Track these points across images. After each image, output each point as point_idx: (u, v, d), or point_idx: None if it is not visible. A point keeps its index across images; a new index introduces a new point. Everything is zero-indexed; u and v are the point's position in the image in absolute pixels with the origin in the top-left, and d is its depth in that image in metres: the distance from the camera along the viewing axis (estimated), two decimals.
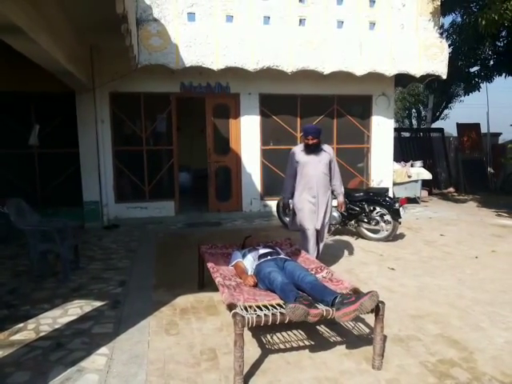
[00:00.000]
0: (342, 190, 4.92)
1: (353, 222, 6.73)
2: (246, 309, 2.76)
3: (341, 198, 4.93)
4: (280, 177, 8.78)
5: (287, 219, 7.50)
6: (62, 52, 5.14)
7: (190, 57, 7.26)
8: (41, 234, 4.79)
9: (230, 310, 2.68)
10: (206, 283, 4.27)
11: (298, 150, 4.75)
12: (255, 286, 3.36)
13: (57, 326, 3.53)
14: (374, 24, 8.10)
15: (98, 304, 4.01)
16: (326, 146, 4.76)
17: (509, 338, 3.26)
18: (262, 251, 3.74)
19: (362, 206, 6.56)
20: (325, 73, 7.83)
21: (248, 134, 8.57)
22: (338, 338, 3.25)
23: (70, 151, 7.84)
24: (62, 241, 4.73)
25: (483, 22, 7.34)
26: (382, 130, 9.18)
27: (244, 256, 3.82)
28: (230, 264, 3.87)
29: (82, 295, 4.25)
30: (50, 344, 3.21)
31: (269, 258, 3.59)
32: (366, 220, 6.59)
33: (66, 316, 3.74)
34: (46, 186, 8.03)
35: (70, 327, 3.51)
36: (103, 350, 3.11)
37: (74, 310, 3.88)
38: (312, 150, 4.63)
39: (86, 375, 2.78)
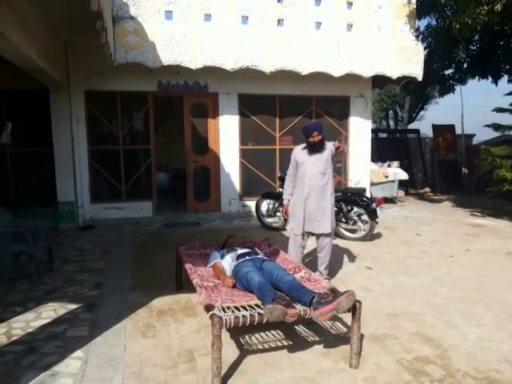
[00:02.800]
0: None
1: None
2: (223, 310, 2.74)
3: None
4: (259, 177, 8.82)
5: (267, 220, 7.55)
6: (34, 49, 5.00)
7: (168, 55, 7.18)
8: (13, 234, 4.65)
9: (208, 311, 2.66)
10: (184, 284, 4.23)
11: (299, 150, 4.42)
12: (233, 286, 3.34)
13: (30, 330, 3.44)
14: (352, 26, 8.18)
15: (72, 307, 3.93)
16: (326, 143, 4.38)
17: (481, 335, 3.34)
18: (241, 251, 3.73)
19: (340, 205, 6.61)
20: (303, 73, 7.87)
21: (227, 134, 8.54)
22: (316, 338, 3.26)
23: (44, 150, 7.66)
24: (35, 242, 4.61)
25: (457, 26, 7.49)
26: (360, 130, 9.28)
27: (222, 256, 3.80)
28: (208, 265, 3.84)
29: (56, 298, 4.16)
30: (23, 348, 3.12)
31: (247, 258, 3.58)
32: (343, 220, 6.65)
33: (39, 319, 3.65)
34: (19, 185, 7.82)
35: (44, 331, 3.43)
36: (78, 353, 3.05)
37: (48, 313, 3.79)
38: (317, 148, 4.26)
39: (60, 380, 2.71)
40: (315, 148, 4.27)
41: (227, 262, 3.66)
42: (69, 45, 7.18)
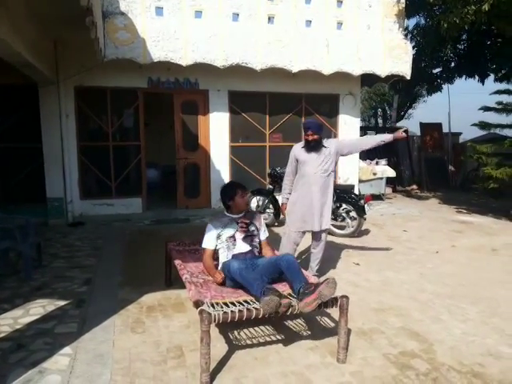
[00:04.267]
0: (379, 137, 4.47)
1: None
2: (212, 305, 2.76)
3: (391, 136, 4.29)
4: (249, 174, 8.84)
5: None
6: (23, 44, 4.95)
7: (158, 52, 7.15)
8: (1, 231, 4.62)
9: (197, 307, 2.68)
10: (174, 280, 4.24)
11: (298, 148, 4.36)
12: (223, 284, 3.35)
13: (18, 327, 3.42)
14: (341, 24, 8.22)
15: (61, 303, 3.91)
16: (328, 142, 4.33)
17: (466, 330, 3.41)
18: (239, 248, 3.51)
19: None
20: (293, 71, 7.90)
21: (217, 131, 8.54)
22: (304, 333, 3.31)
23: (33, 146, 7.57)
24: (23, 238, 4.58)
25: (445, 25, 7.57)
26: (349, 128, 9.34)
27: (219, 238, 3.54)
28: (202, 244, 3.62)
29: (44, 294, 4.14)
30: (10, 345, 3.11)
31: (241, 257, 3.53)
32: (332, 216, 6.66)
33: (27, 316, 3.63)
34: (8, 181, 7.74)
35: (32, 327, 3.41)
36: (66, 349, 3.04)
37: (37, 309, 3.77)
38: (312, 147, 4.22)
39: (48, 376, 2.71)
40: (311, 146, 4.24)
41: (222, 254, 3.50)
42: (58, 40, 7.11)
